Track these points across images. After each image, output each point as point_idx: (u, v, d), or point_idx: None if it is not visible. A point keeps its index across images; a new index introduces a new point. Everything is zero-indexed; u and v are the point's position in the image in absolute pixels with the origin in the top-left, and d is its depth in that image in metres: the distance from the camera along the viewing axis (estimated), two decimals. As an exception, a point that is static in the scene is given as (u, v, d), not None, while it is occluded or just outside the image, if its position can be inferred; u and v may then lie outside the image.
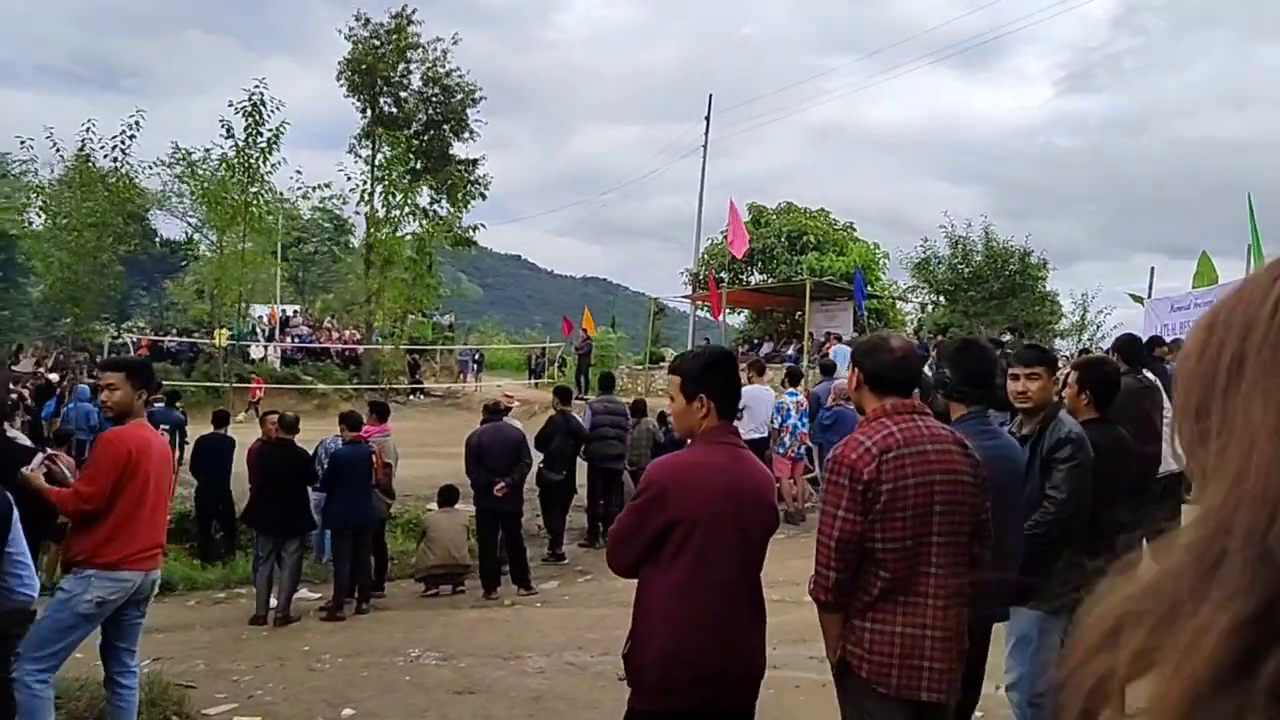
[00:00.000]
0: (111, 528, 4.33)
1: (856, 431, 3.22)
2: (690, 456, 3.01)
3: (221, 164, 14.03)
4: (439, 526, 9.79)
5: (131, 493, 4.33)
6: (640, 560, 2.93)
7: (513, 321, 79.41)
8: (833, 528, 3.01)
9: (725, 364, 3.10)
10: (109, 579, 4.34)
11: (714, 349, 3.32)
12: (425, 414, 27.40)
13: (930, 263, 27.75)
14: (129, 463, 4.30)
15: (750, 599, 2.99)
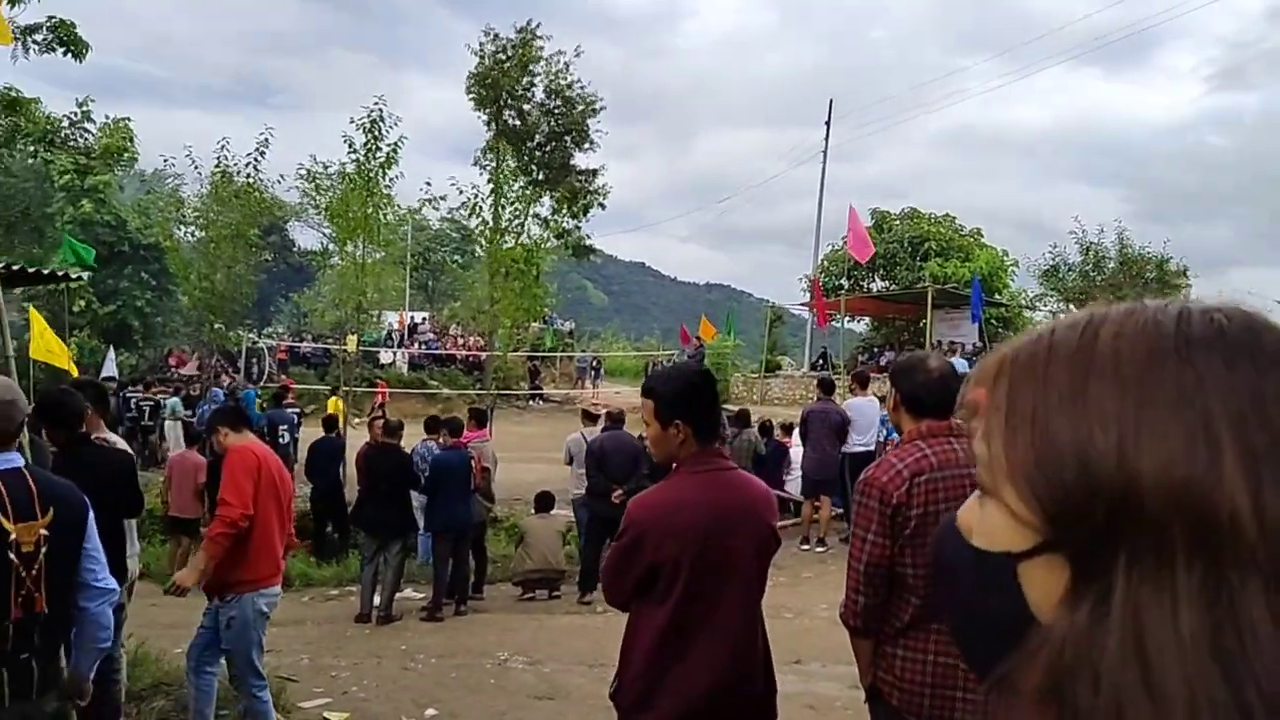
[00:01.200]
0: (256, 542, 4.61)
1: (889, 453, 3.18)
2: (668, 492, 2.87)
3: (343, 179, 14.70)
4: (536, 532, 10.02)
5: (265, 504, 4.62)
6: (631, 598, 2.85)
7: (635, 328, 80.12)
8: (862, 551, 2.97)
9: (701, 386, 2.91)
10: (264, 596, 4.69)
11: (689, 369, 3.11)
12: (543, 419, 27.98)
13: (1060, 270, 26.63)
14: (261, 472, 4.59)
15: (746, 630, 2.88)
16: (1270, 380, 0.57)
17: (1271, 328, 0.60)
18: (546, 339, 32.55)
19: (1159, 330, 0.60)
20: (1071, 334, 0.63)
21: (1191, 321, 0.60)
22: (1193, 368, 0.57)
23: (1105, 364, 0.59)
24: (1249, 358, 0.57)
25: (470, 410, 11.28)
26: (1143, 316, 0.61)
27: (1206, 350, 0.58)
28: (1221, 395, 0.56)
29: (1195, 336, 0.59)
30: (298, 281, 38.53)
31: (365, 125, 13.93)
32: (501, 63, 31.48)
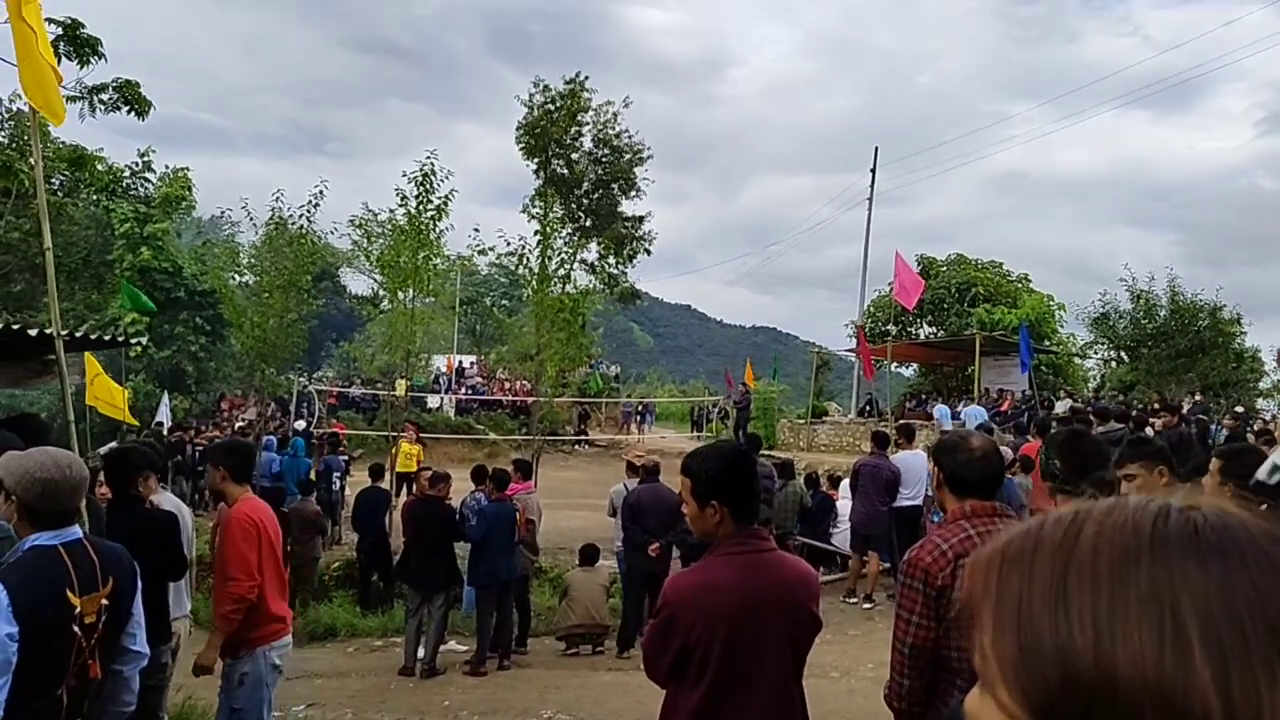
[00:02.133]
0: (263, 599, 4.67)
1: (932, 533, 3.14)
2: (702, 575, 2.88)
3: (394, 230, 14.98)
4: (580, 586, 9.99)
5: (266, 565, 4.67)
6: (668, 677, 2.88)
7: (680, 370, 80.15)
8: (906, 634, 2.94)
9: (739, 466, 2.90)
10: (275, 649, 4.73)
11: (728, 449, 3.09)
12: (589, 464, 28.04)
13: (1110, 317, 26.23)
14: (261, 537, 4.65)
15: (780, 714, 2.88)
16: (1239, 579, 0.57)
17: (1244, 526, 0.61)
18: (593, 383, 32.68)
19: (1136, 529, 0.61)
20: (1057, 530, 0.64)
21: (1168, 520, 0.61)
22: (1165, 567, 0.59)
23: (1085, 562, 0.61)
24: (1220, 556, 0.59)
25: (515, 461, 11.32)
26: (1123, 514, 0.63)
27: (1179, 549, 0.59)
28: (1191, 594, 0.57)
29: (1170, 535, 0.60)
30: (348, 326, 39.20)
31: (417, 178, 14.22)
32: (550, 113, 32.08)
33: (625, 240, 33.39)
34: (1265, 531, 0.61)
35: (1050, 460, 3.86)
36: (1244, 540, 0.60)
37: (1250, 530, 0.61)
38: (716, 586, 2.79)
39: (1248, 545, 0.60)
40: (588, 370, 31.89)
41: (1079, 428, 4.46)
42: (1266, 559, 0.59)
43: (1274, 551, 0.59)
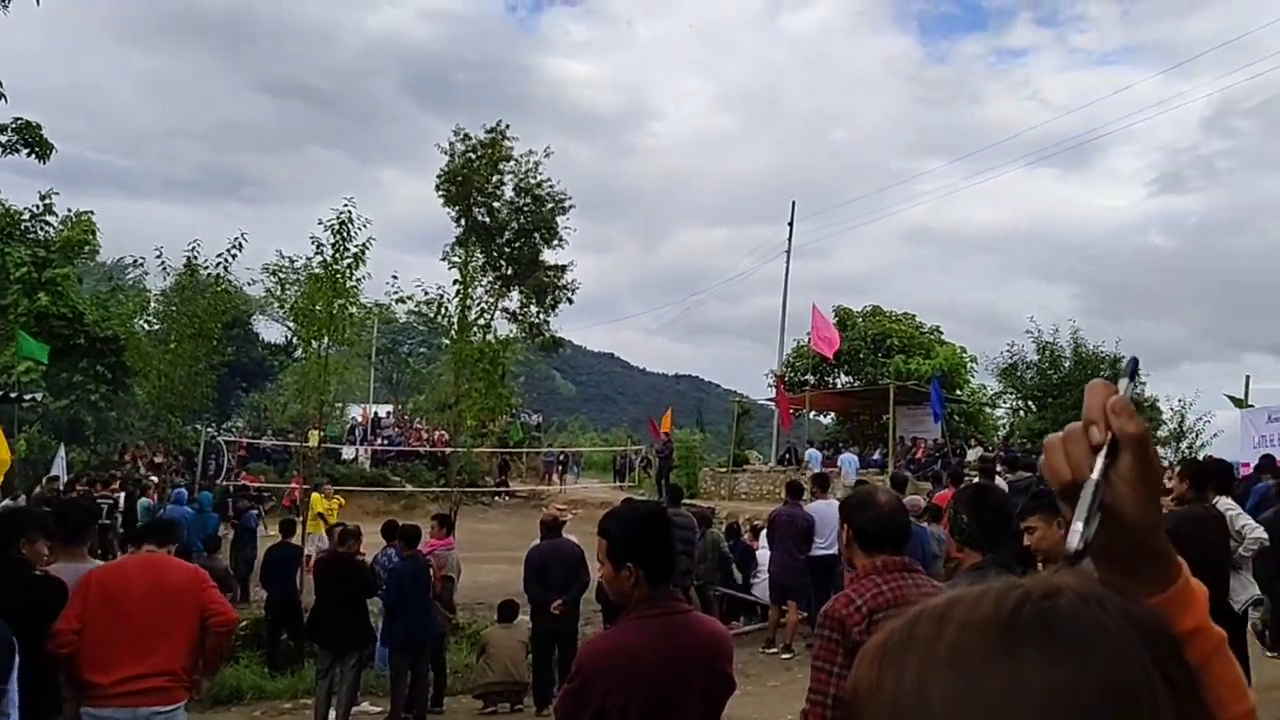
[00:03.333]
0: (85, 661, 4.39)
1: (847, 588, 3.18)
2: (617, 640, 2.87)
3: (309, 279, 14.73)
4: (498, 642, 9.79)
5: (99, 624, 4.41)
6: None
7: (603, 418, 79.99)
8: (828, 684, 2.94)
9: (654, 527, 2.91)
10: (92, 715, 4.46)
11: (644, 510, 3.09)
12: (509, 516, 27.64)
13: (1018, 368, 27.13)
14: (88, 595, 4.43)
15: None
16: (1085, 675, 0.58)
17: (1098, 611, 0.61)
18: (514, 432, 32.39)
19: (991, 625, 0.62)
20: (929, 625, 0.64)
21: (1023, 613, 0.61)
22: (1013, 665, 0.59)
23: (944, 660, 0.61)
24: (1068, 650, 0.59)
25: (435, 516, 11.11)
26: (983, 608, 0.63)
27: (1030, 645, 0.60)
28: (1035, 693, 0.58)
29: (1023, 630, 0.60)
30: (260, 375, 38.22)
31: (334, 226, 14.04)
32: (471, 161, 32.10)
33: (547, 289, 33.44)
34: (1120, 611, 0.62)
35: (958, 515, 3.93)
36: (1094, 629, 0.60)
37: (1103, 614, 0.61)
38: (632, 651, 2.77)
39: (1098, 634, 0.60)
40: (508, 420, 31.63)
41: (985, 483, 4.57)
42: (1114, 649, 0.59)
43: (1122, 639, 0.60)
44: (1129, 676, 0.58)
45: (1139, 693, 0.58)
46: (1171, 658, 0.61)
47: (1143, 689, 0.58)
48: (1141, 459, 0.80)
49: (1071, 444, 0.81)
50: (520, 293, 33.09)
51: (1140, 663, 0.59)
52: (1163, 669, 0.59)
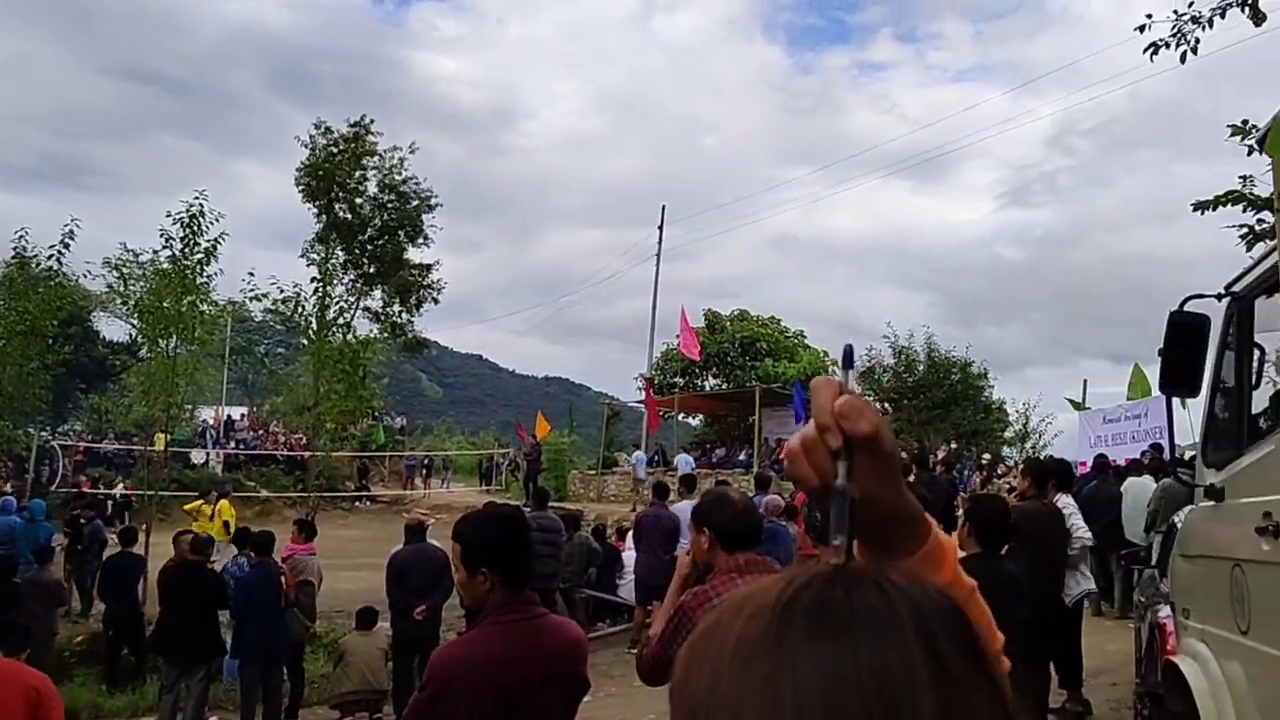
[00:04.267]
0: None
1: (708, 584, 3.19)
2: (471, 647, 2.82)
3: (155, 274, 13.97)
4: (355, 650, 9.47)
5: None
6: None
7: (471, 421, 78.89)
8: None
9: (510, 531, 2.86)
10: None
11: (500, 513, 3.05)
12: (371, 521, 26.89)
13: (875, 371, 28.15)
14: None
15: None
16: (845, 659, 0.58)
17: (871, 596, 0.62)
18: (376, 436, 31.56)
19: (774, 609, 0.62)
20: (728, 616, 0.65)
21: (801, 597, 0.62)
22: (779, 655, 0.60)
23: (729, 652, 0.62)
24: (831, 637, 0.60)
25: (296, 521, 10.69)
26: (772, 594, 0.64)
27: (798, 634, 0.60)
28: (798, 678, 0.58)
29: (794, 619, 0.61)
30: (101, 376, 35.99)
31: (184, 220, 13.34)
32: (333, 156, 31.11)
33: (412, 288, 32.71)
34: (901, 593, 0.63)
35: (812, 513, 4.02)
36: (866, 612, 0.61)
37: (880, 597, 0.62)
38: (487, 658, 2.70)
39: (869, 617, 0.61)
40: (371, 423, 30.81)
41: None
42: (884, 632, 0.60)
43: (894, 621, 0.60)
44: (897, 658, 0.59)
45: (905, 674, 0.58)
46: (951, 637, 0.62)
47: (910, 671, 0.58)
48: (877, 455, 0.80)
49: (811, 452, 0.81)
50: (383, 292, 32.26)
51: (909, 644, 0.59)
52: (935, 650, 0.60)
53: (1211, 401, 4.17)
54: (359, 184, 31.71)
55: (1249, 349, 3.84)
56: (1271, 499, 3.12)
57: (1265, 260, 3.48)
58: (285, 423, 31.76)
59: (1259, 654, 3.30)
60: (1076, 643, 7.50)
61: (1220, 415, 4.05)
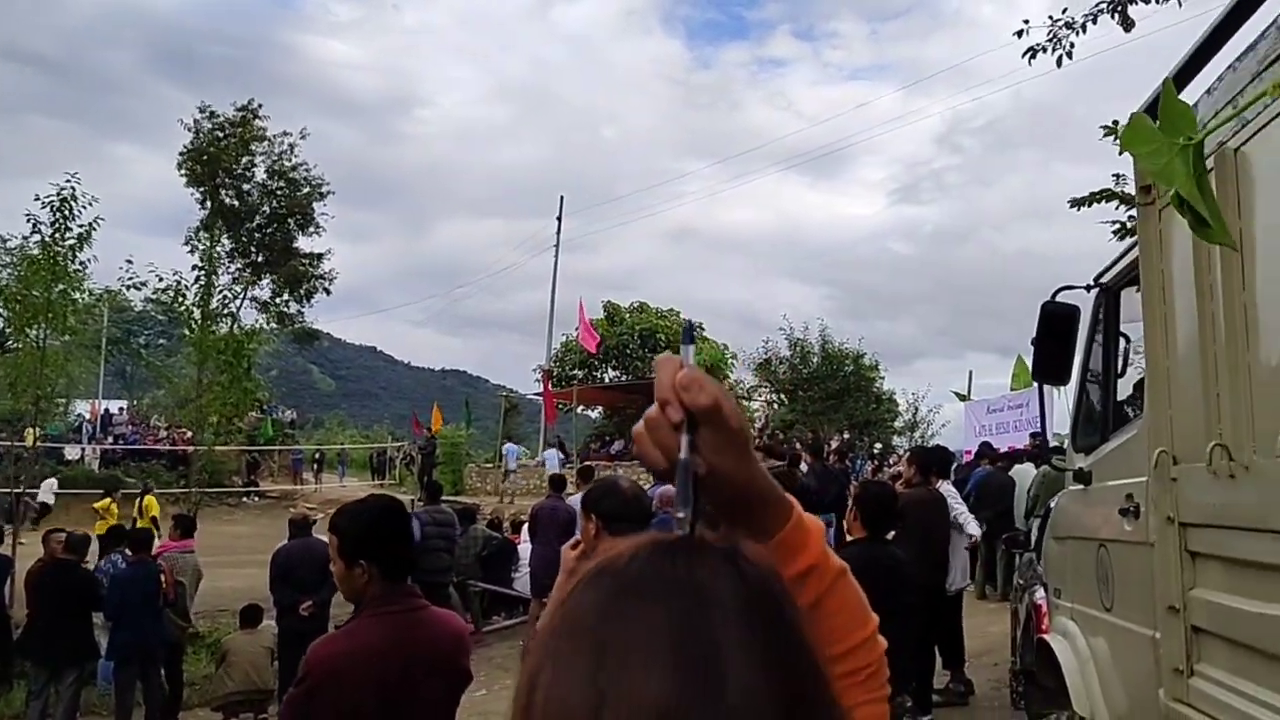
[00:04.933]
0: None
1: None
2: (349, 641, 2.73)
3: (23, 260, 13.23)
4: (239, 649, 9.16)
5: None
6: None
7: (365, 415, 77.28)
8: None
9: (388, 521, 2.79)
10: None
11: (378, 504, 3.00)
12: (258, 517, 26.11)
13: (771, 363, 28.62)
14: None
15: None
16: (646, 622, 0.60)
17: (666, 566, 0.64)
18: (265, 430, 30.58)
19: (605, 578, 0.64)
20: (579, 587, 0.66)
21: (629, 567, 0.64)
22: (611, 615, 0.62)
23: (571, 616, 0.64)
24: (653, 599, 0.62)
25: (175, 517, 10.27)
26: (610, 563, 0.66)
27: (626, 596, 0.62)
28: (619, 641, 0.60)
29: (628, 581, 0.63)
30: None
31: (54, 204, 12.64)
32: (219, 140, 29.99)
33: (302, 278, 31.80)
34: (722, 561, 0.65)
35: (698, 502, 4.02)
36: (682, 581, 0.63)
37: (698, 566, 0.64)
38: (365, 651, 2.62)
39: (686, 585, 0.62)
40: (259, 416, 29.85)
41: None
42: (697, 600, 0.62)
43: (707, 588, 0.62)
44: (716, 628, 0.60)
45: (719, 642, 0.59)
46: (765, 606, 0.63)
47: (726, 640, 0.60)
48: (719, 427, 0.81)
49: (655, 430, 0.81)
50: (272, 281, 31.29)
51: (727, 614, 0.61)
52: (752, 623, 0.61)
53: (1081, 389, 4.35)
54: (246, 170, 30.68)
55: (1115, 338, 4.02)
56: (1134, 481, 3.26)
57: (1130, 253, 3.64)
58: (168, 416, 30.51)
59: (1122, 629, 3.46)
60: (958, 626, 7.77)
61: (1088, 402, 4.23)
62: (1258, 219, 2.33)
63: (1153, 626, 2.98)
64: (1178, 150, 1.77)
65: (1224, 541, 2.52)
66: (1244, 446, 2.37)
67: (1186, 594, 2.73)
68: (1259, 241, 2.33)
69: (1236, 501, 2.41)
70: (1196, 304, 2.64)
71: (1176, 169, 1.79)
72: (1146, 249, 3.02)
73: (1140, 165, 1.67)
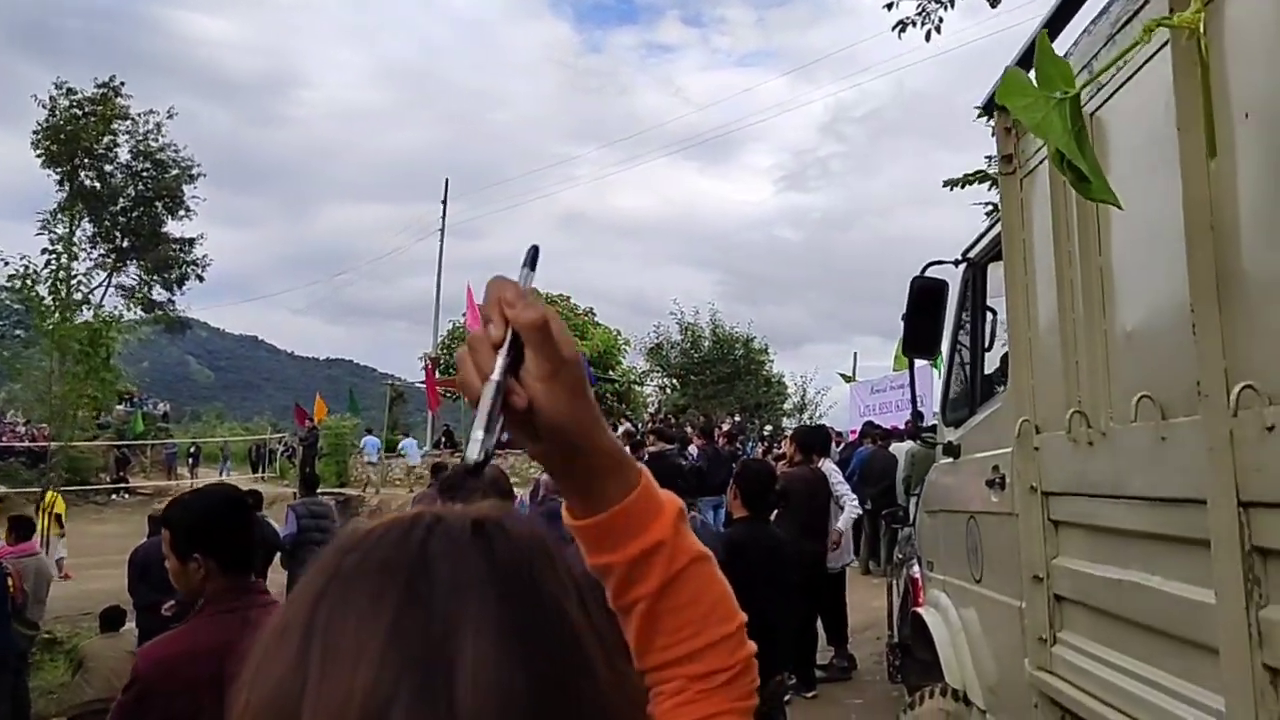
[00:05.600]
0: None
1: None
2: (181, 642, 2.53)
3: None
4: (98, 655, 8.64)
5: None
6: None
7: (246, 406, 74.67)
8: None
9: (227, 512, 2.63)
10: None
11: (215, 494, 2.81)
12: (130, 515, 24.91)
13: (663, 348, 28.74)
14: None
15: None
16: (393, 607, 0.56)
17: (418, 544, 0.59)
18: (135, 423, 29.15)
19: (320, 570, 0.61)
20: (307, 574, 0.63)
21: (350, 554, 0.60)
22: (313, 615, 0.58)
23: (291, 607, 0.61)
24: (399, 580, 0.57)
25: (10, 519, 9.63)
26: (334, 550, 0.62)
27: (385, 580, 0.57)
28: (373, 626, 0.55)
29: (389, 567, 0.58)
30: None
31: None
32: (77, 119, 28.31)
33: (172, 263, 30.37)
34: (474, 541, 0.60)
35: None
36: (434, 563, 0.58)
37: (449, 544, 0.59)
38: (199, 653, 2.41)
39: (443, 567, 0.58)
40: (128, 409, 28.45)
41: None
42: (452, 583, 0.57)
43: (454, 580, 0.57)
44: (430, 609, 0.56)
45: (438, 627, 0.55)
46: (513, 585, 0.58)
47: (446, 623, 0.55)
48: (544, 350, 0.72)
49: (476, 351, 0.73)
50: (139, 267, 29.79)
51: (450, 594, 0.56)
52: (488, 598, 0.57)
53: (950, 363, 4.38)
54: (109, 150, 29.07)
55: (982, 312, 4.04)
56: (999, 453, 3.27)
57: (996, 226, 3.65)
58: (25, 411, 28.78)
59: (990, 601, 3.48)
60: (841, 602, 7.87)
61: (957, 376, 4.26)
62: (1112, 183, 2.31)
63: (1019, 597, 2.99)
64: (1054, 104, 1.72)
65: (1084, 509, 2.52)
66: (1101, 413, 2.36)
67: (1050, 563, 2.73)
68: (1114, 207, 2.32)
69: (1094, 468, 2.40)
70: (1056, 271, 2.62)
71: (1054, 123, 1.72)
72: (1008, 218, 3.01)
73: (1017, 119, 1.60)
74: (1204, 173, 1.78)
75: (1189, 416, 1.89)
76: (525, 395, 0.71)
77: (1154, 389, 2.05)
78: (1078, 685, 2.54)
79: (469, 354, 0.73)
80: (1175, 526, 2.00)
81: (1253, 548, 1.66)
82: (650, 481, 0.82)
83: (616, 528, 0.79)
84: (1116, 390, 2.29)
